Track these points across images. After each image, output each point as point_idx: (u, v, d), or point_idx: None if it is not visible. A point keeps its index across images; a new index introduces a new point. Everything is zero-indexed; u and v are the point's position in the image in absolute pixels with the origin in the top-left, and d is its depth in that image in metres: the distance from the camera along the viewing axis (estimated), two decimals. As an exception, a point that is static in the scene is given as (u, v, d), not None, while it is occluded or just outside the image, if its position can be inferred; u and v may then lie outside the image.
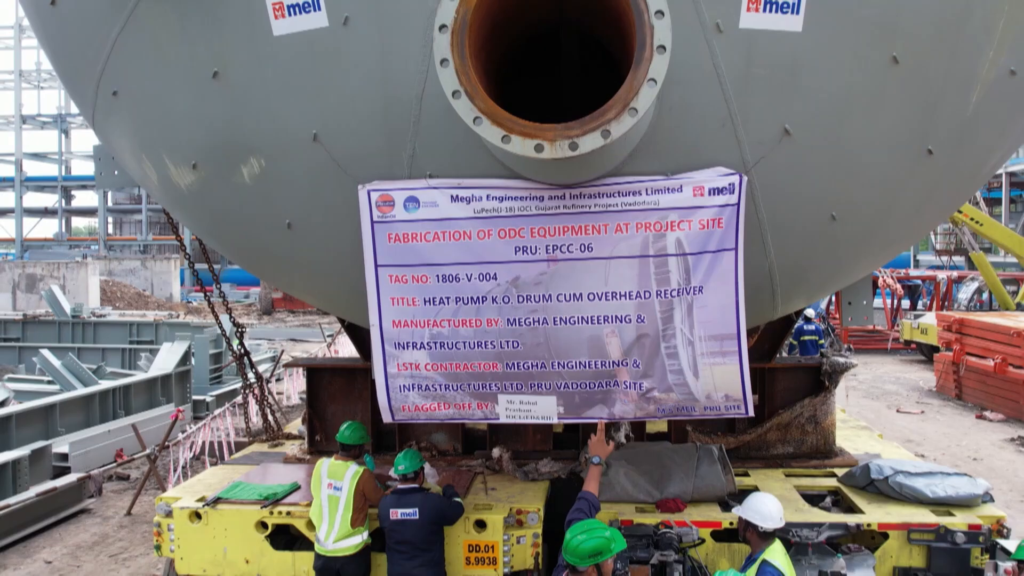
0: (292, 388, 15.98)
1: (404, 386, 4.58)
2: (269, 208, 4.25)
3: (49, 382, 14.02)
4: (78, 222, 72.82)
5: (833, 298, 26.28)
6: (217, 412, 11.47)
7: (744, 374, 3.94)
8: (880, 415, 15.40)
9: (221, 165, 4.22)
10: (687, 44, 3.56)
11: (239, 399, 12.63)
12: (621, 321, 3.90)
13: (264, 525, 5.88)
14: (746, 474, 6.54)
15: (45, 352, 13.83)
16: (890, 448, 7.60)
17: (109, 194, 56.18)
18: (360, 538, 5.48)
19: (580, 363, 4.00)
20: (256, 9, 3.78)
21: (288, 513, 5.88)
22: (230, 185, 4.26)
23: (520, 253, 4.01)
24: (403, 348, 4.42)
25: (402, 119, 3.78)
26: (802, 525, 5.49)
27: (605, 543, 3.75)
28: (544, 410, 4.14)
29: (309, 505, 5.82)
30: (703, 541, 5.47)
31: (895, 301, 27.90)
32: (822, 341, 9.57)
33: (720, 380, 3.97)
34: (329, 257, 4.32)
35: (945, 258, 35.11)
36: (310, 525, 5.78)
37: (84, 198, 63.61)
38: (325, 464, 5.62)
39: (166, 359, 14.17)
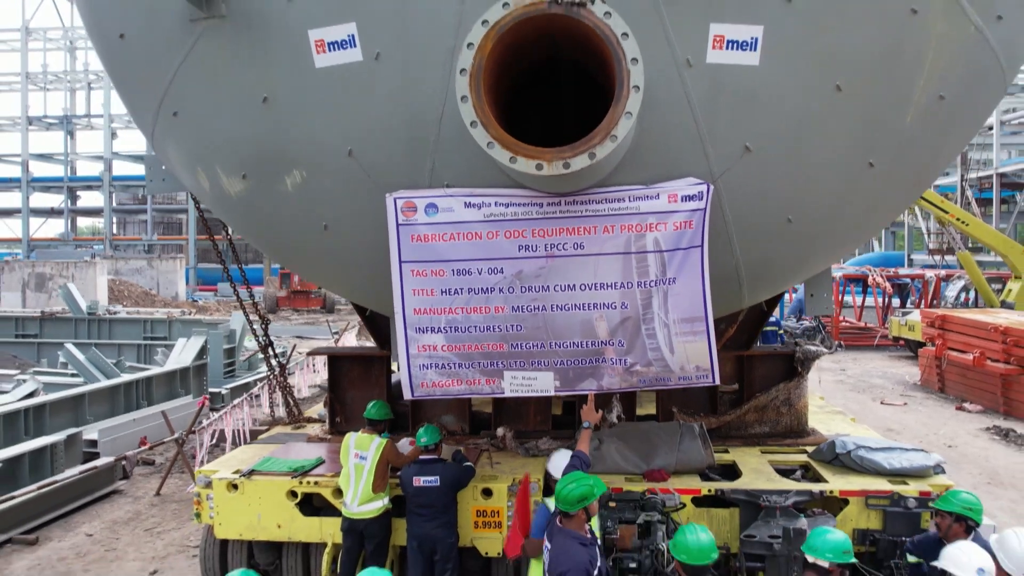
0: (303, 382, 16.67)
1: (423, 365, 5.27)
2: (308, 212, 4.97)
3: (73, 375, 14.73)
4: (81, 222, 73.54)
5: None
6: (236, 402, 12.18)
7: (712, 349, 4.63)
8: (865, 407, 16.11)
9: (267, 176, 4.94)
10: (663, 76, 4.28)
11: (255, 390, 13.43)
12: (608, 307, 4.60)
13: (294, 494, 6.60)
14: (726, 451, 7.24)
15: (70, 346, 14.55)
16: (860, 430, 8.31)
17: (113, 195, 56.85)
18: (381, 503, 6.20)
19: (573, 343, 4.70)
20: (301, 45, 4.49)
21: (315, 483, 6.61)
22: (275, 193, 4.98)
23: (523, 251, 4.71)
24: (422, 332, 5.12)
25: (423, 138, 4.49)
26: (772, 492, 6.18)
27: (589, 489, 4.47)
28: (543, 384, 4.83)
29: (335, 476, 6.55)
30: (684, 506, 6.17)
31: (886, 299, 28.68)
32: (781, 331, 10.28)
33: (692, 354, 4.67)
34: (360, 254, 5.03)
35: (938, 257, 35.78)
36: (336, 493, 6.50)
37: (88, 198, 64.37)
38: (352, 438, 6.34)
39: (184, 353, 14.89)
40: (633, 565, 5.54)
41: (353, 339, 21.71)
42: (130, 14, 4.95)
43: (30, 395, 12.86)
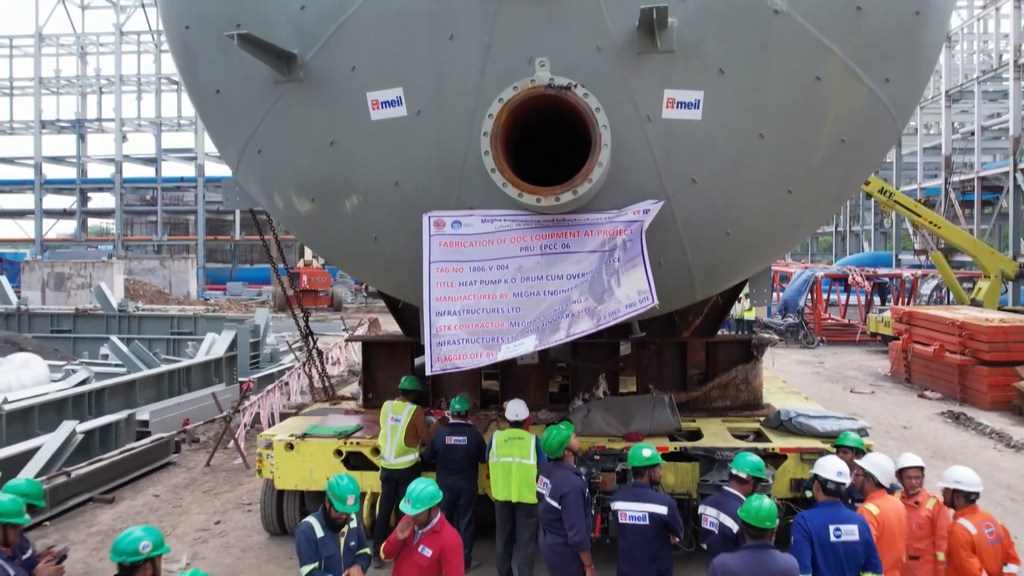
0: (318, 376, 18.16)
1: (440, 342, 6.72)
2: (362, 227, 6.51)
3: (117, 365, 16.26)
4: (88, 222, 74.96)
5: (809, 296, 28.59)
6: (269, 387, 13.71)
7: (647, 274, 5.72)
8: (835, 395, 17.65)
9: (331, 199, 6.48)
10: (630, 128, 5.80)
11: (284, 378, 14.96)
12: (579, 278, 6.02)
13: (339, 452, 8.15)
14: (693, 421, 8.77)
15: (115, 339, 16.09)
16: (810, 405, 9.85)
17: (122, 197, 58.22)
18: (412, 456, 7.74)
19: (554, 310, 6.08)
20: (360, 103, 6.01)
21: (357, 443, 8.17)
22: (336, 212, 6.52)
23: (523, 251, 6.20)
24: (442, 315, 6.54)
25: (452, 174, 6.01)
26: (726, 448, 7.71)
27: (566, 434, 6.00)
28: (528, 346, 6.13)
29: (372, 438, 8.10)
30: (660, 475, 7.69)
31: (868, 297, 30.20)
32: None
33: (633, 282, 5.83)
34: (400, 259, 6.55)
35: (923, 257, 37.26)
36: (374, 451, 8.05)
37: (98, 200, 65.90)
38: (389, 404, 7.89)
39: (216, 346, 16.41)
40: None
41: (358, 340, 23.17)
42: (226, 75, 6.48)
43: (83, 382, 14.40)
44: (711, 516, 5.47)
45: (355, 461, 8.26)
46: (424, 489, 5.13)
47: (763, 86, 5.90)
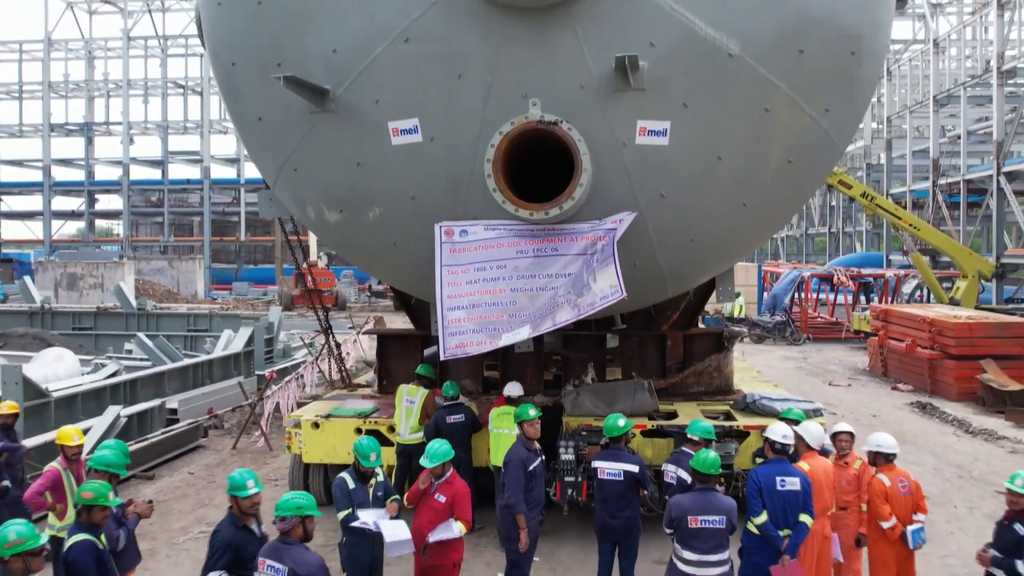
0: (332, 367, 19.34)
1: (451, 333, 7.82)
2: (383, 234, 7.66)
3: (142, 359, 17.41)
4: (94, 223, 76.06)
5: (797, 295, 29.74)
6: (287, 379, 14.87)
7: (617, 270, 6.92)
8: (815, 387, 18.81)
9: (357, 211, 7.64)
10: (609, 152, 6.95)
11: (300, 370, 16.12)
12: (564, 277, 7.17)
13: (359, 430, 9.29)
14: (671, 404, 9.91)
15: (141, 335, 17.24)
16: (777, 391, 10.99)
17: (129, 198, 59.27)
18: (422, 434, 8.89)
19: (545, 303, 7.22)
20: (383, 131, 7.16)
21: (375, 422, 9.32)
22: (361, 221, 7.68)
23: (519, 254, 7.33)
24: (452, 310, 7.68)
25: (459, 190, 7.16)
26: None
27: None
28: (523, 334, 7.29)
29: (388, 418, 9.25)
30: (635, 435, 8.84)
31: (855, 296, 31.36)
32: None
33: (605, 279, 7.01)
34: (416, 261, 7.70)
35: (907, 258, 38.42)
36: (389, 429, 9.21)
37: (104, 201, 67.10)
38: (404, 388, 9.05)
39: (235, 342, 17.57)
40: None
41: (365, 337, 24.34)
42: (268, 105, 7.63)
43: (113, 374, 15.56)
44: (671, 471, 6.63)
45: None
46: (440, 447, 6.28)
47: (720, 117, 7.05)
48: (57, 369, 15.65)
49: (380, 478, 6.55)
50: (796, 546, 5.98)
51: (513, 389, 8.56)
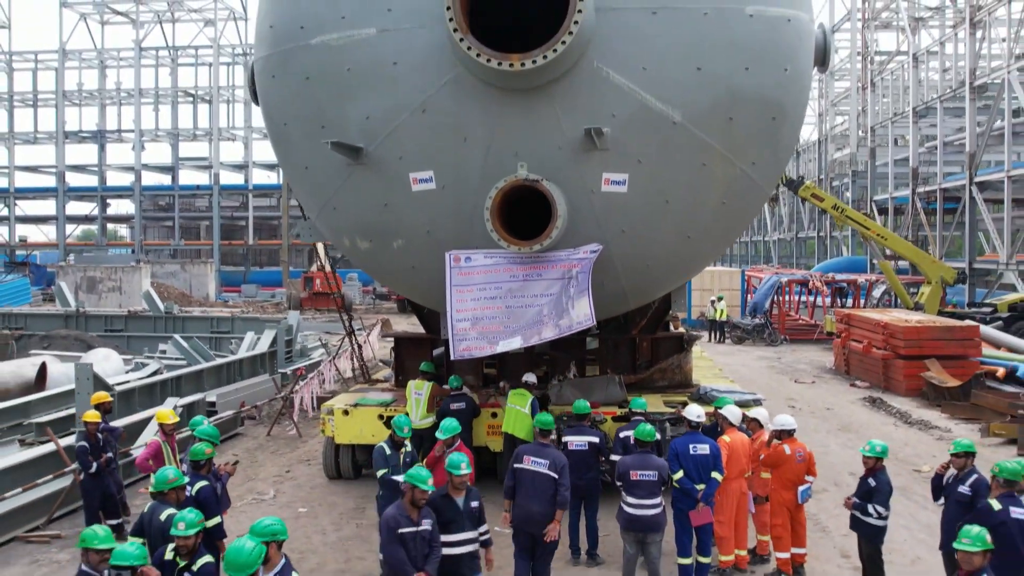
0: (347, 365, 21.39)
1: (459, 339, 9.85)
2: (404, 260, 9.70)
3: (177, 358, 19.46)
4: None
5: (776, 298, 31.76)
6: (311, 375, 16.92)
7: (589, 304, 9.00)
8: (782, 384, 20.87)
9: (384, 241, 9.68)
10: (580, 198, 8.98)
11: (320, 368, 18.16)
12: (548, 296, 9.22)
13: (381, 417, 11.33)
14: (640, 395, 11.93)
15: (177, 337, 19.28)
16: (728, 384, 13.01)
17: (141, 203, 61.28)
18: (431, 419, 10.91)
19: (532, 319, 9.26)
20: (404, 179, 9.18)
21: (394, 410, 11.35)
22: (387, 249, 9.72)
23: (511, 278, 9.36)
24: (459, 322, 9.71)
25: (464, 227, 9.19)
26: (656, 413, 10.88)
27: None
28: (516, 343, 9.33)
29: (405, 408, 11.29)
30: (606, 420, 10.87)
31: (832, 300, 33.41)
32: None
33: (580, 309, 9.06)
34: (430, 281, 9.73)
35: (893, 263, 40.46)
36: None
37: (115, 206, 69.15)
38: (412, 383, 11.09)
39: (262, 343, 19.62)
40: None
41: (376, 334, 26.37)
42: (313, 157, 9.66)
43: (155, 372, 17.63)
44: (625, 433, 8.73)
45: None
46: (450, 423, 8.31)
47: (667, 170, 9.08)
48: (105, 367, 17.71)
49: (409, 447, 8.58)
50: (709, 496, 8.02)
51: (528, 377, 10.69)
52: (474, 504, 6.94)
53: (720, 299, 30.32)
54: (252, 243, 61.13)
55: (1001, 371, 18.35)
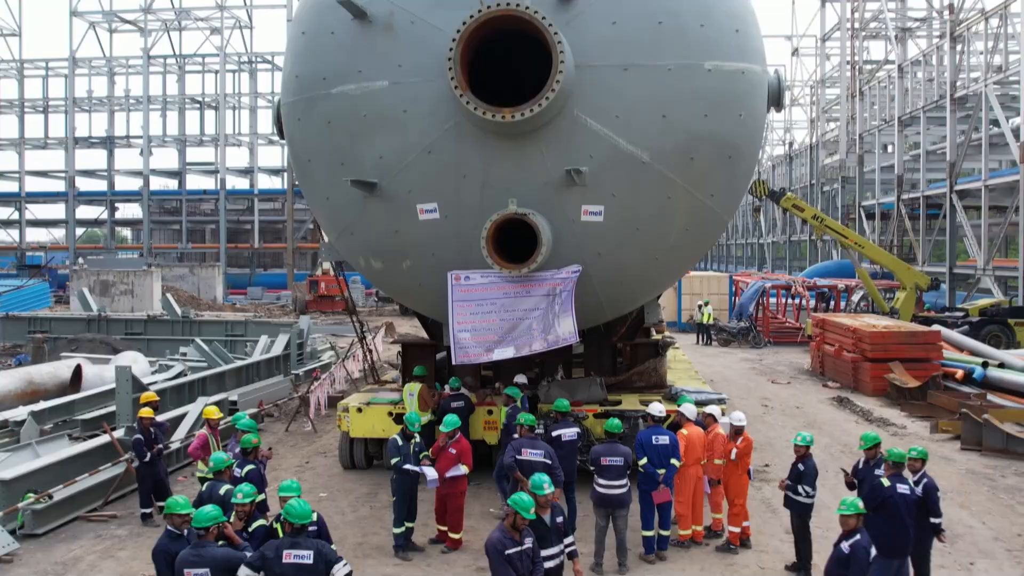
0: (355, 367, 22.95)
1: (460, 347, 11.40)
2: (412, 278, 11.27)
3: (198, 361, 20.99)
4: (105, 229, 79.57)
5: (761, 302, 33.30)
6: (324, 376, 18.47)
7: (573, 323, 10.59)
8: (759, 385, 22.40)
9: (394, 262, 11.24)
10: (563, 227, 10.54)
11: (332, 369, 19.72)
12: (536, 311, 10.78)
13: (391, 414, 12.89)
14: (619, 396, 13.49)
15: (199, 341, 20.83)
16: (697, 385, 14.56)
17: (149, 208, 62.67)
18: (426, 417, 12.41)
19: (522, 331, 10.82)
20: (412, 210, 10.74)
21: (403, 408, 12.91)
22: (397, 269, 11.28)
23: (504, 295, 10.92)
24: (460, 332, 11.27)
25: (464, 250, 10.73)
26: (631, 410, 12.43)
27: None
28: (508, 352, 10.94)
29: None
30: (587, 416, 12.42)
31: (817, 303, 34.96)
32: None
33: (565, 325, 10.67)
34: (434, 296, 11.28)
35: (878, 267, 42.01)
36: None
37: (122, 209, 70.69)
38: (407, 386, 12.66)
39: (276, 346, 21.17)
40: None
41: (380, 337, 27.94)
42: (334, 189, 11.21)
43: (180, 374, 19.18)
44: (555, 432, 10.31)
45: (399, 420, 13.00)
46: (452, 418, 9.89)
47: (637, 202, 10.63)
48: (133, 369, 19.25)
49: (418, 439, 10.13)
50: (669, 479, 9.58)
51: (520, 378, 12.25)
52: (559, 520, 7.49)
53: (707, 303, 31.88)
54: (257, 246, 62.65)
55: (959, 373, 19.98)
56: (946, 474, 13.55)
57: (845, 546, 6.95)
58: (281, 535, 6.96)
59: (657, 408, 10.08)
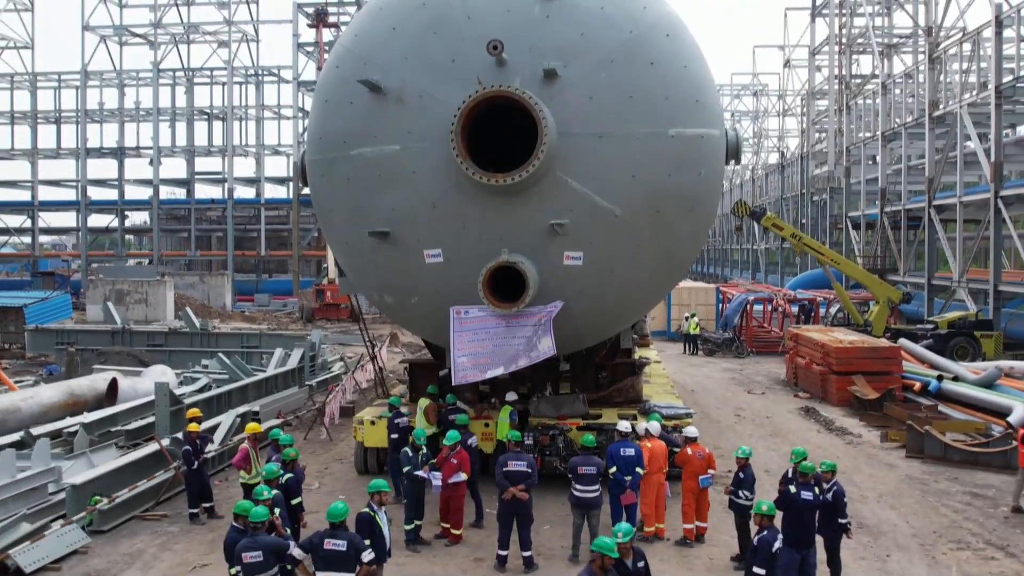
0: (362, 377, 24.84)
1: (459, 370, 13.20)
2: (419, 311, 13.18)
3: (220, 372, 22.88)
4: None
5: (744, 313, 35.19)
6: (336, 388, 20.36)
7: (551, 340, 12.46)
8: (736, 395, 24.27)
9: (404, 298, 13.15)
10: (549, 270, 12.42)
11: (343, 382, 21.62)
12: (524, 338, 12.68)
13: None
14: (600, 410, 15.36)
15: (221, 355, 22.73)
16: (669, 400, 16.42)
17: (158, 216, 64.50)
18: (433, 429, 14.31)
19: (512, 355, 12.70)
20: (420, 255, 12.62)
21: (410, 422, 14.81)
22: (406, 303, 13.20)
23: (497, 326, 12.80)
24: (459, 357, 13.14)
25: (464, 290, 12.60)
26: (609, 424, 14.30)
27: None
28: (499, 372, 12.80)
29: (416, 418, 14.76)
30: (571, 429, 14.29)
31: (799, 315, 36.83)
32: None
33: (544, 343, 12.52)
34: (438, 327, 13.17)
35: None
36: (419, 425, 14.72)
37: (130, 217, 72.53)
38: (421, 400, 14.53)
39: (292, 359, 23.06)
40: (548, 453, 13.77)
41: (385, 349, 29.79)
42: (352, 236, 13.11)
43: (206, 387, 21.09)
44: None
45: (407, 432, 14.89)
46: (453, 433, 11.85)
47: (611, 250, 12.52)
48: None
49: (424, 451, 12.03)
50: (635, 484, 11.47)
51: (510, 395, 14.13)
52: (640, 564, 7.93)
53: (693, 315, 33.77)
54: (263, 254, 64.52)
55: (917, 385, 21.88)
56: (887, 479, 15.45)
57: (755, 539, 8.88)
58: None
59: (624, 425, 11.99)
